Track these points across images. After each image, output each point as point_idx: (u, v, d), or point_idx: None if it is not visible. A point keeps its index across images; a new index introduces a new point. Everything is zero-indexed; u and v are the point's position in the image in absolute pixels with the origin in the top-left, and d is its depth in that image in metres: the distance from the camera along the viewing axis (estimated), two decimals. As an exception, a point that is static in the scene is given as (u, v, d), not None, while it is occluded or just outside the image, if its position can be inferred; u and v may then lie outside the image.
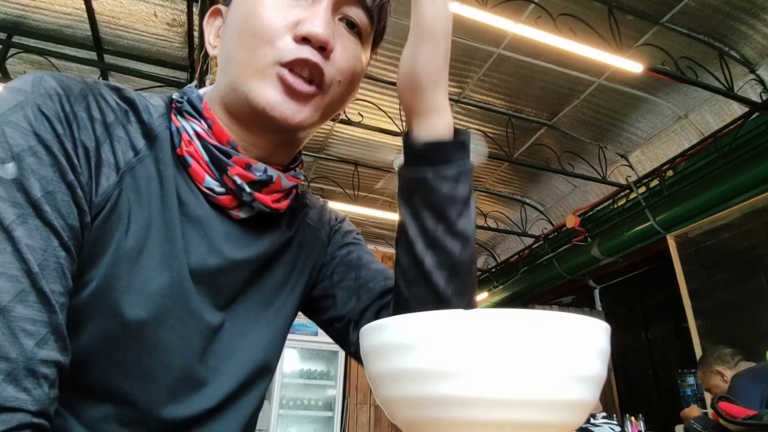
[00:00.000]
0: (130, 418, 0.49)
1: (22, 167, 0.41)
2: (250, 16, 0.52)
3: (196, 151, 0.54)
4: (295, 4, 0.52)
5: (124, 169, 0.49)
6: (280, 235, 0.62)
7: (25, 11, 3.80)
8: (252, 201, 0.55)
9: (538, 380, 0.33)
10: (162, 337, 0.50)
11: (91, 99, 0.48)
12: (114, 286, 0.47)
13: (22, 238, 0.40)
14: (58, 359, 0.41)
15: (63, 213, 0.43)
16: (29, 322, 0.39)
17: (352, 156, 5.50)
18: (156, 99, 0.57)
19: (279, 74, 0.51)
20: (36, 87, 0.44)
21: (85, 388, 0.47)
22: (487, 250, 7.70)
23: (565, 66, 4.27)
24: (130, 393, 0.49)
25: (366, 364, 0.41)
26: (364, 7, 0.55)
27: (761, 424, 2.14)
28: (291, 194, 0.61)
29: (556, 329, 0.34)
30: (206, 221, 0.54)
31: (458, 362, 0.33)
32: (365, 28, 0.57)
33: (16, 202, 0.40)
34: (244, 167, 0.54)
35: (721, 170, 4.12)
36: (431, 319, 0.35)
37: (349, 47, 0.55)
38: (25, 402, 0.37)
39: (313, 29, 0.50)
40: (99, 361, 0.47)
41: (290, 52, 0.51)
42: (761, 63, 4.02)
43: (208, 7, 3.27)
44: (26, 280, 0.39)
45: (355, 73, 0.56)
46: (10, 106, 0.43)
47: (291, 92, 0.51)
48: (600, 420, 2.90)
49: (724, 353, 2.74)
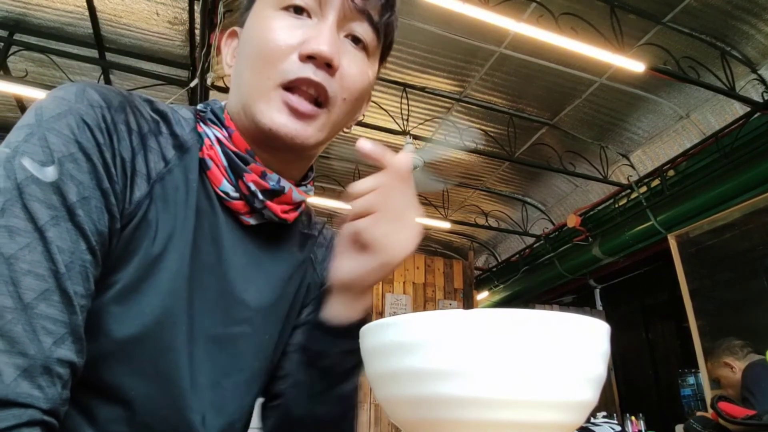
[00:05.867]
0: (139, 420, 0.49)
1: (61, 172, 0.43)
2: (260, 39, 0.53)
3: (216, 155, 0.55)
4: (302, 24, 0.53)
5: (154, 179, 0.51)
6: (289, 256, 0.64)
7: (26, 9, 3.80)
8: (263, 208, 0.57)
9: (537, 380, 0.33)
10: (175, 339, 0.51)
11: (129, 111, 0.50)
12: (137, 288, 0.49)
13: (53, 239, 0.41)
14: (73, 360, 0.41)
15: (94, 218, 0.45)
16: (50, 321, 0.40)
17: (353, 155, 5.50)
18: (185, 111, 0.59)
19: (283, 98, 0.52)
20: (79, 97, 0.47)
21: (98, 388, 0.48)
22: (488, 250, 7.70)
23: (567, 65, 4.26)
24: (142, 395, 0.49)
25: (366, 363, 0.41)
26: (371, 23, 0.56)
27: (761, 424, 2.14)
28: (300, 207, 0.63)
29: (556, 329, 0.34)
30: (217, 228, 0.56)
31: (458, 362, 0.33)
32: (372, 44, 0.57)
33: (51, 204, 0.42)
34: (260, 175, 0.56)
35: (723, 170, 4.12)
36: (431, 319, 0.35)
37: (355, 64, 0.55)
38: (38, 399, 0.38)
39: (318, 47, 0.51)
40: (114, 361, 0.48)
41: (294, 71, 0.52)
42: (763, 63, 4.02)
43: (209, 5, 3.28)
44: (52, 280, 0.41)
45: (362, 89, 0.57)
46: (53, 114, 0.45)
47: (295, 113, 0.53)
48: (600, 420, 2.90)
49: (734, 345, 2.78)
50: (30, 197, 0.41)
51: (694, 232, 4.49)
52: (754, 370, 2.55)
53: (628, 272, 5.82)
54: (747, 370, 2.59)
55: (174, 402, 0.51)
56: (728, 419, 2.25)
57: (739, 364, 2.67)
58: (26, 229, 0.40)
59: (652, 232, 4.69)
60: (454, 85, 4.65)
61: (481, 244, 7.66)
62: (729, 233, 4.23)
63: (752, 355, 2.70)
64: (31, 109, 0.46)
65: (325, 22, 0.53)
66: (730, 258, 4.23)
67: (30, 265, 0.40)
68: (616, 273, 5.85)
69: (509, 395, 0.33)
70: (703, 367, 4.10)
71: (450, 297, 6.60)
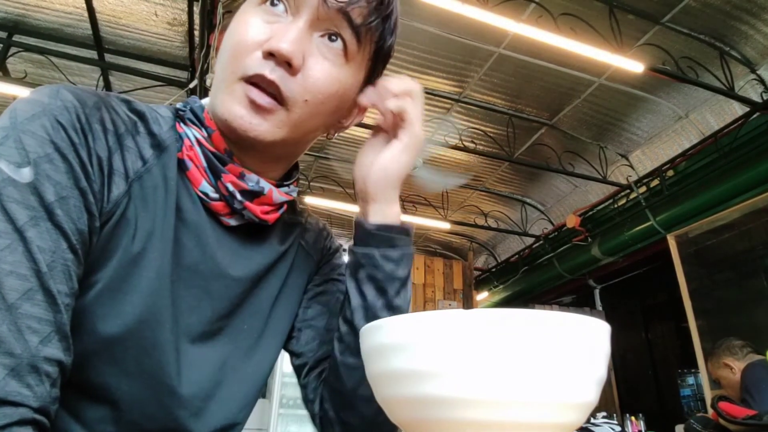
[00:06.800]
0: (127, 419, 0.49)
1: (37, 173, 0.43)
2: (233, 34, 0.54)
3: (196, 156, 0.55)
4: (276, 20, 0.53)
5: (132, 178, 0.51)
6: (271, 249, 0.64)
7: (26, 10, 3.80)
8: (242, 209, 0.57)
9: (538, 380, 0.33)
10: (159, 338, 0.51)
11: (104, 111, 0.50)
12: (118, 288, 0.49)
13: (33, 239, 0.41)
14: (61, 358, 0.42)
15: (74, 217, 0.45)
16: (35, 320, 0.40)
17: (353, 156, 5.49)
18: (164, 110, 0.59)
19: (245, 90, 0.52)
20: (53, 99, 0.47)
21: (84, 387, 0.48)
22: (488, 250, 7.70)
23: (566, 65, 4.27)
24: (128, 394, 0.49)
25: (365, 364, 0.41)
26: (351, 26, 0.53)
27: (761, 424, 2.14)
28: (282, 209, 0.63)
29: (556, 330, 0.34)
30: (200, 226, 0.56)
31: (457, 362, 0.33)
32: (352, 47, 0.54)
33: (29, 205, 0.42)
34: (238, 176, 0.56)
35: (722, 170, 4.12)
36: (431, 319, 0.35)
37: (322, 66, 0.53)
38: (28, 398, 0.38)
39: (278, 44, 0.50)
40: (99, 361, 0.48)
41: (253, 67, 0.51)
42: (762, 63, 4.02)
43: (209, 6, 3.27)
44: (35, 280, 0.41)
45: (328, 93, 0.54)
46: (28, 116, 0.45)
47: (254, 106, 0.52)
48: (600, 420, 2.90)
49: (733, 345, 2.76)
50: (7, 199, 0.41)
51: (694, 232, 4.49)
52: (754, 370, 2.53)
53: (627, 272, 5.82)
54: (746, 370, 2.57)
55: (161, 400, 0.51)
56: (728, 419, 2.25)
57: (739, 364, 2.65)
58: (5, 230, 0.40)
59: (652, 233, 4.69)
60: (453, 86, 4.66)
61: (481, 245, 7.66)
62: (728, 233, 4.24)
63: (752, 356, 2.69)
64: (6, 112, 0.46)
65: (297, 20, 0.52)
66: (729, 258, 4.23)
67: (11, 266, 0.40)
68: (615, 273, 5.85)
69: (509, 396, 0.33)
70: (702, 367, 4.10)
71: (449, 297, 6.60)
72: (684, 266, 4.54)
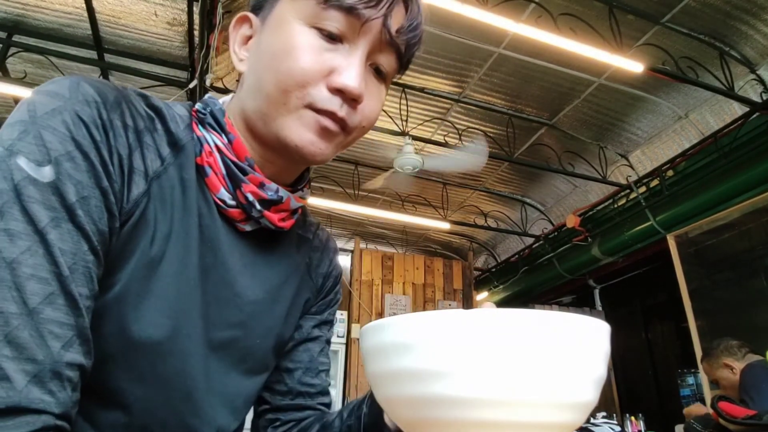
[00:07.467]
0: (138, 423, 0.49)
1: (59, 171, 0.42)
2: (288, 55, 0.51)
3: (215, 163, 0.55)
4: (332, 48, 0.51)
5: (152, 176, 0.51)
6: (281, 262, 0.65)
7: (25, 10, 3.80)
8: (260, 217, 0.57)
9: (538, 380, 0.33)
10: (177, 343, 0.50)
11: (125, 107, 0.49)
12: (136, 290, 0.48)
13: (54, 241, 0.40)
14: (82, 362, 0.41)
15: (95, 218, 0.44)
16: (57, 325, 0.39)
17: (352, 155, 5.50)
18: (180, 108, 0.58)
19: (315, 118, 0.52)
20: (74, 92, 0.45)
21: (99, 392, 0.47)
22: (488, 250, 7.70)
23: (566, 66, 4.26)
24: (142, 399, 0.49)
25: (366, 364, 0.41)
26: (398, 57, 0.55)
27: (761, 424, 2.14)
28: (296, 214, 0.63)
29: (557, 329, 0.34)
30: (214, 231, 0.56)
31: (458, 362, 0.33)
32: (392, 72, 0.57)
33: (50, 205, 0.41)
34: (258, 185, 0.56)
35: (722, 170, 4.12)
36: (431, 319, 0.35)
37: (376, 95, 0.56)
38: (50, 404, 0.37)
39: (348, 84, 0.51)
40: (114, 365, 0.48)
41: (322, 101, 0.51)
42: (762, 63, 4.02)
43: (208, 6, 3.27)
44: (56, 283, 0.40)
45: (377, 117, 0.58)
46: (47, 110, 0.43)
47: (324, 132, 0.53)
48: (600, 420, 2.90)
49: (732, 345, 2.73)
50: (29, 199, 0.40)
51: (693, 232, 4.49)
52: (753, 371, 2.51)
53: (627, 272, 5.81)
54: (746, 370, 2.55)
55: (175, 406, 0.51)
56: (728, 419, 2.24)
57: (738, 364, 2.63)
58: (26, 232, 0.39)
59: (652, 233, 4.69)
60: (453, 86, 4.66)
61: (481, 245, 7.66)
62: (728, 233, 4.23)
63: (751, 356, 2.68)
64: (23, 104, 0.44)
65: (356, 52, 0.52)
66: (729, 258, 4.23)
67: (33, 269, 0.39)
68: (615, 273, 5.84)
69: (509, 395, 0.33)
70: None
71: (449, 297, 6.60)
72: (684, 266, 4.53)
